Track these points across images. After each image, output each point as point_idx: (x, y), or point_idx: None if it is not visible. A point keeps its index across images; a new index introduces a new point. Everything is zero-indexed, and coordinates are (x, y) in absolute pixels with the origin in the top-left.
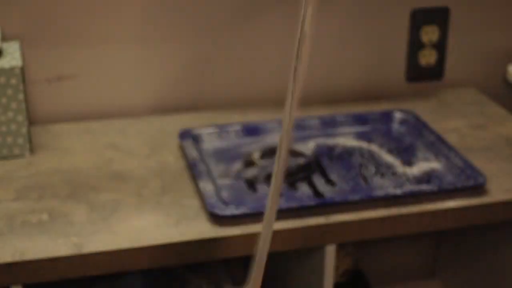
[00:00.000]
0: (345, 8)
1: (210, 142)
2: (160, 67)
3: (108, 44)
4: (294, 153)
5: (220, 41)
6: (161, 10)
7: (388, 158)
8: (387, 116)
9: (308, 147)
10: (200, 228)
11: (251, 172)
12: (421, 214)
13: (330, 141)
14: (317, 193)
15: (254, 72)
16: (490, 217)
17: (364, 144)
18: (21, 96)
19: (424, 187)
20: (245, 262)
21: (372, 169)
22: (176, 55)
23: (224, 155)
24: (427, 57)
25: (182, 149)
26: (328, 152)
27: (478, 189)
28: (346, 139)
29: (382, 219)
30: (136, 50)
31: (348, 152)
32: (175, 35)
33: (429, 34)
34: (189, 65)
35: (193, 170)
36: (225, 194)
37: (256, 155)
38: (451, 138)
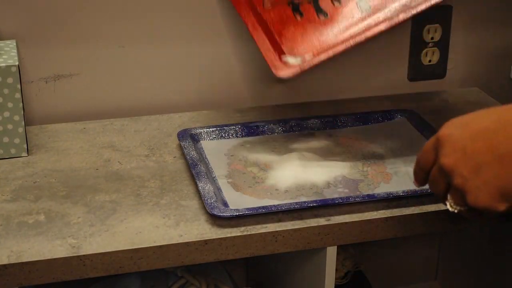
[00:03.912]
0: None
1: (210, 142)
2: (159, 66)
3: (106, 43)
4: None
5: (220, 41)
6: (160, 10)
7: (390, 158)
8: (389, 116)
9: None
10: (200, 229)
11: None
12: (423, 215)
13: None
14: (318, 193)
15: (254, 71)
16: (494, 218)
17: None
18: (17, 96)
19: (427, 187)
20: (245, 263)
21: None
22: (175, 54)
23: (224, 155)
24: (430, 56)
25: (181, 149)
26: None
27: None
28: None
29: (384, 220)
30: (135, 49)
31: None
32: (174, 34)
33: (432, 32)
34: (188, 65)
35: (193, 171)
36: (224, 195)
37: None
38: None
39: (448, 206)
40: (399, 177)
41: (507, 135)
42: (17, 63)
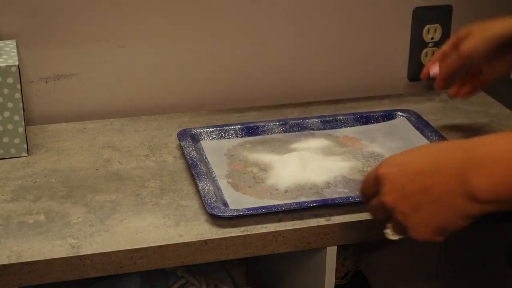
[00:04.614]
0: (346, 6)
1: (210, 142)
2: (159, 66)
3: (106, 43)
4: None
5: (220, 42)
6: (160, 10)
7: None
8: (389, 116)
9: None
10: (200, 229)
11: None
12: None
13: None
14: (318, 193)
15: (253, 71)
16: (494, 217)
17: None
18: (17, 96)
19: None
20: (245, 263)
21: None
22: (175, 54)
23: (224, 155)
24: (430, 56)
25: (181, 149)
26: None
27: None
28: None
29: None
30: (134, 49)
31: None
32: (174, 34)
33: (432, 32)
34: (188, 65)
35: (193, 171)
36: (224, 195)
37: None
38: (454, 138)
39: (390, 235)
40: None
41: (441, 178)
42: (17, 63)
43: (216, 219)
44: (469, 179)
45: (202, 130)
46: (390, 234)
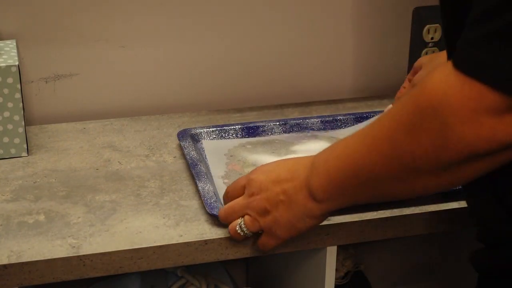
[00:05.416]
0: (346, 5)
1: (210, 142)
2: (159, 66)
3: (106, 43)
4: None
5: (220, 41)
6: (160, 10)
7: None
8: None
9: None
10: (200, 229)
11: None
12: (423, 215)
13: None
14: None
15: (253, 71)
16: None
17: None
18: (17, 96)
19: None
20: (245, 263)
21: None
22: (175, 54)
23: (224, 155)
24: None
25: (181, 149)
26: None
27: None
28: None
29: (384, 220)
30: (134, 49)
31: None
32: (174, 34)
33: (432, 32)
34: (188, 65)
35: (193, 171)
36: (220, 195)
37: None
38: None
39: (239, 229)
40: None
41: (295, 182)
42: (17, 63)
43: (216, 219)
44: (310, 181)
45: (202, 130)
46: (239, 228)
